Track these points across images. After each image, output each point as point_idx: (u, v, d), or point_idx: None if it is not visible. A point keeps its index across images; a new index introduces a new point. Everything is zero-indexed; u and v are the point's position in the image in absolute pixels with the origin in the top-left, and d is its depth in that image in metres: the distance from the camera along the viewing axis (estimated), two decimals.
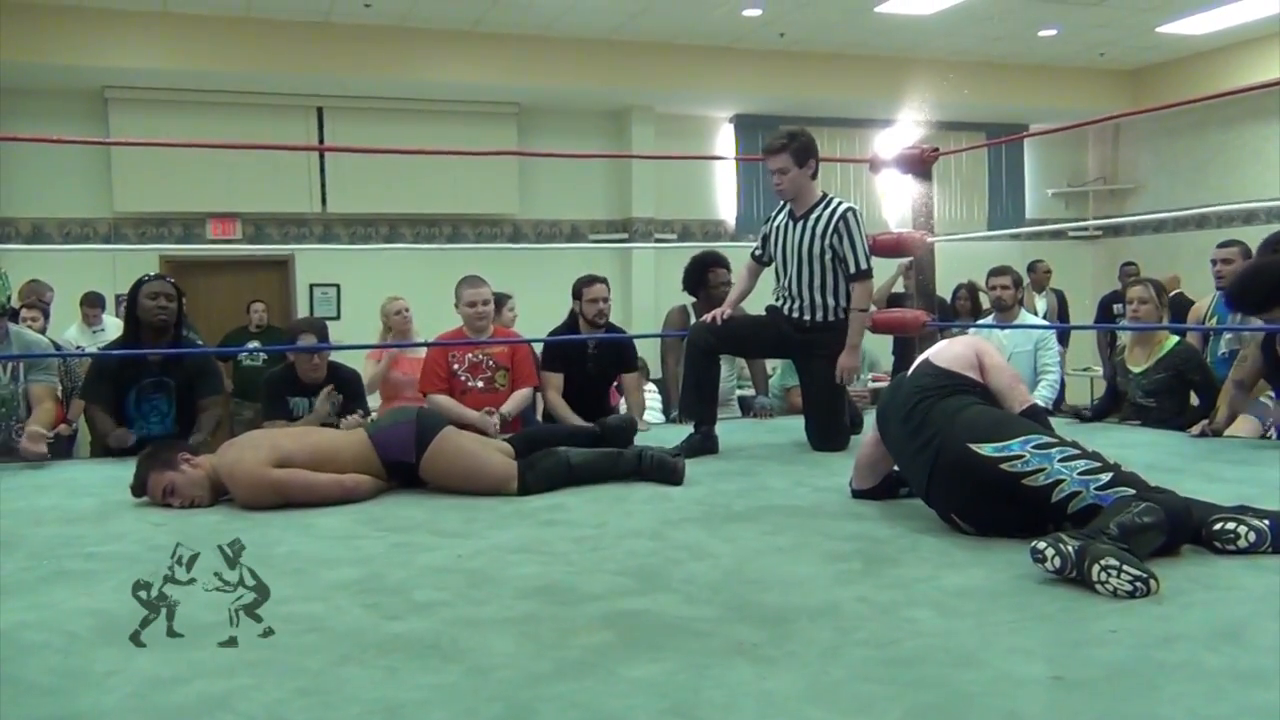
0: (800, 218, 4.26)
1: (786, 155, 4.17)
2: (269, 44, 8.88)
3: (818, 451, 4.23)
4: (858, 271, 4.23)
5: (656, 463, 3.59)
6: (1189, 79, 10.82)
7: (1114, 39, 10.10)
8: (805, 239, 4.22)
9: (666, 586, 2.32)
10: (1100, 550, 2.15)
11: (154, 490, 3.30)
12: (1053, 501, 2.49)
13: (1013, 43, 10.16)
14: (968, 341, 3.05)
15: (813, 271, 4.24)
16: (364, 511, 3.19)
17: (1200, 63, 10.69)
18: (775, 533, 2.82)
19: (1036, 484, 2.50)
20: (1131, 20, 9.47)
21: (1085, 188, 12.83)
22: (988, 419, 2.71)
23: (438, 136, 9.74)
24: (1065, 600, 2.13)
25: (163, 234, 9.62)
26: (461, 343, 4.89)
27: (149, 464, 3.34)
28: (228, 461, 3.27)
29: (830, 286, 4.25)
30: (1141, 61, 11.11)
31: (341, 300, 10.16)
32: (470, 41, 9.44)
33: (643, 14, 8.98)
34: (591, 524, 2.99)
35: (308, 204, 9.93)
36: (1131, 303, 4.95)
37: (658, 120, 10.78)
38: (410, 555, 2.65)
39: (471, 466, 3.46)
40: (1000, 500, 2.57)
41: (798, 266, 4.25)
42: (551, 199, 10.79)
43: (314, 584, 2.40)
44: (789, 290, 4.31)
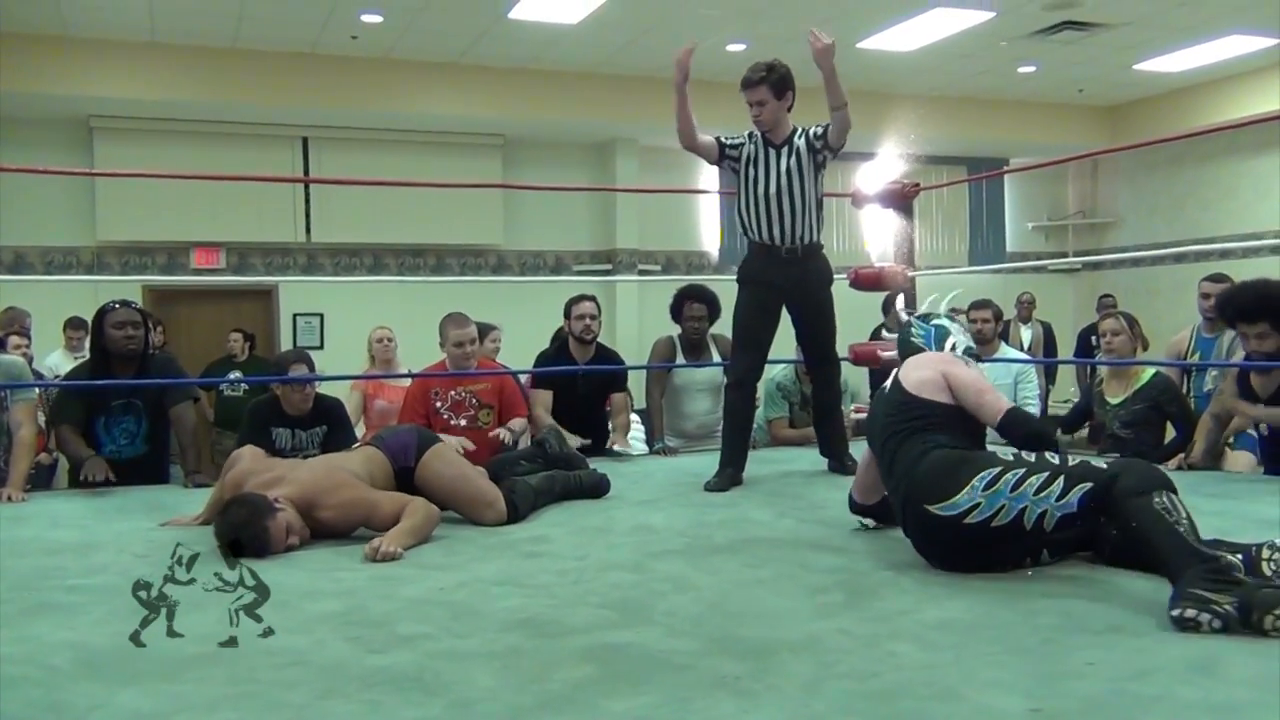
0: (780, 145, 4.31)
1: (765, 88, 4.20)
2: (255, 74, 8.92)
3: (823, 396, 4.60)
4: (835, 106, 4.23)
5: (591, 484, 4.01)
6: (1166, 115, 10.99)
7: (1092, 76, 10.25)
8: (793, 163, 4.27)
9: (649, 619, 2.33)
10: (1269, 600, 2.09)
11: (278, 543, 3.02)
12: (1028, 529, 2.51)
13: (993, 79, 10.29)
14: (933, 362, 2.96)
15: (804, 192, 4.29)
16: (345, 542, 3.19)
17: (1177, 99, 10.85)
18: (757, 565, 2.83)
19: (1004, 522, 2.52)
20: (1109, 58, 9.61)
21: (1065, 221, 12.96)
22: (939, 470, 2.64)
23: (423, 167, 9.79)
24: (1044, 633, 2.16)
25: (146, 263, 9.61)
26: (447, 374, 4.89)
27: (254, 522, 2.98)
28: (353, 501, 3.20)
29: (815, 204, 4.32)
30: (1120, 98, 11.27)
31: (325, 330, 10.16)
32: (456, 73, 9.50)
33: (628, 47, 9.07)
34: (574, 556, 3.00)
35: (292, 234, 9.94)
36: (1105, 335, 4.98)
37: (642, 153, 10.85)
38: (393, 587, 2.65)
39: (465, 477, 3.54)
40: (975, 549, 2.60)
41: (787, 192, 4.28)
42: (536, 230, 10.83)
43: (296, 616, 2.40)
44: (772, 218, 4.30)
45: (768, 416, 5.70)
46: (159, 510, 3.74)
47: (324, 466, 3.42)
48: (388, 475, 3.44)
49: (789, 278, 4.33)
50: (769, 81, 4.21)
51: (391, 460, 3.48)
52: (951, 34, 8.74)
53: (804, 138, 4.31)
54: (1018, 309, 9.24)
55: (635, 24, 8.47)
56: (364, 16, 8.17)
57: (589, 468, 4.18)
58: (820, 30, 4.18)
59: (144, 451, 4.47)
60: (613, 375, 5.31)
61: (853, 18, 8.38)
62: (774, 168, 4.30)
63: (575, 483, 3.99)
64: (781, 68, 4.26)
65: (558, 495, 3.87)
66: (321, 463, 3.52)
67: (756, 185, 4.32)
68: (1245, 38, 9.05)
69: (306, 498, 3.17)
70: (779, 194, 4.29)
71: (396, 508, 3.21)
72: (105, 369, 4.37)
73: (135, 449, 4.43)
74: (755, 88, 4.22)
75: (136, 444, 4.43)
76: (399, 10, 8.05)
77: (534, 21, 8.27)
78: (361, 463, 3.42)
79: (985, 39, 8.93)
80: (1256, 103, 9.96)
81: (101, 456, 4.26)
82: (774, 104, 4.23)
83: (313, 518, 3.17)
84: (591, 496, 3.99)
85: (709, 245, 11.48)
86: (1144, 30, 8.78)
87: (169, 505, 3.84)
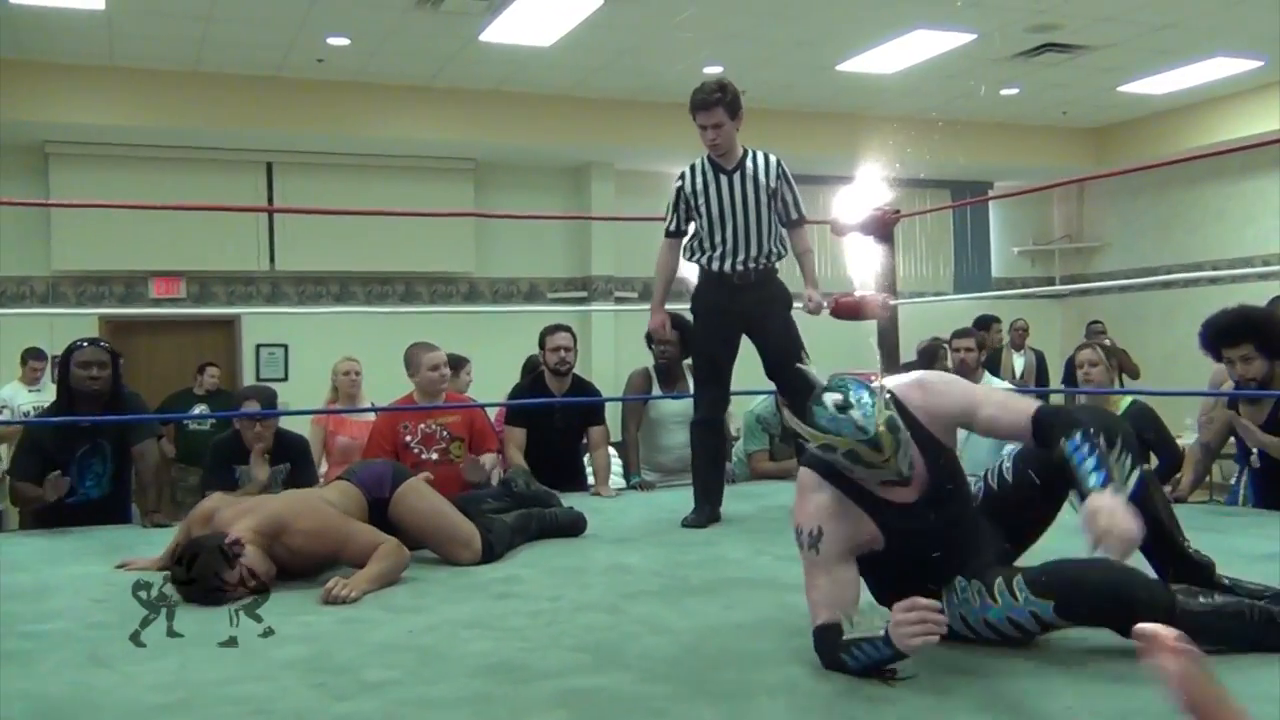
0: (733, 170, 4.26)
1: (720, 109, 4.12)
2: (217, 99, 8.94)
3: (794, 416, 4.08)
4: (800, 217, 4.37)
5: (567, 521, 4.03)
6: (1151, 137, 11.16)
7: (1076, 98, 10.41)
8: (747, 189, 4.23)
9: (622, 663, 2.36)
10: None
11: (236, 589, 2.97)
12: (1007, 636, 2.31)
13: (975, 101, 10.43)
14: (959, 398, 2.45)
15: (759, 218, 4.25)
16: (310, 585, 3.19)
17: (1162, 121, 11.03)
18: (734, 606, 2.86)
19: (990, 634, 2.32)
20: (1093, 80, 9.77)
21: (1051, 245, 13.12)
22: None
23: (392, 193, 9.82)
24: (1022, 677, 2.19)
25: (103, 293, 9.58)
26: (413, 408, 4.91)
27: (213, 570, 2.95)
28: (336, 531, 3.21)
29: (771, 233, 4.29)
30: (1104, 120, 11.44)
31: (289, 361, 10.14)
32: (425, 97, 9.56)
33: (602, 70, 9.15)
34: (546, 597, 3.02)
35: (255, 262, 9.94)
36: (1081, 366, 5.02)
37: (618, 176, 10.93)
38: (360, 632, 2.67)
39: (441, 513, 3.54)
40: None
41: (741, 218, 4.23)
42: (509, 257, 10.88)
43: (259, 663, 2.41)
44: (724, 246, 4.27)
45: (747, 450, 5.73)
46: (117, 551, 3.73)
47: (296, 494, 3.45)
48: (361, 508, 3.44)
49: (741, 304, 4.29)
50: (724, 103, 4.12)
51: (365, 492, 3.47)
52: (933, 56, 8.87)
53: (756, 162, 4.28)
54: (1011, 336, 9.33)
55: (610, 46, 8.56)
56: (330, 39, 8.21)
57: (561, 504, 4.20)
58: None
59: (109, 492, 4.47)
60: (590, 408, 5.33)
61: (833, 39, 8.51)
62: (724, 193, 4.25)
63: (551, 520, 4.01)
64: (732, 87, 4.18)
65: (534, 534, 3.89)
66: (293, 493, 3.54)
67: (709, 211, 4.27)
68: (1230, 60, 9.22)
69: (275, 523, 3.15)
70: (728, 221, 4.24)
71: (370, 542, 3.21)
72: (71, 410, 4.37)
73: (101, 489, 4.43)
74: (711, 110, 4.13)
75: (103, 484, 4.43)
76: (367, 33, 8.10)
77: (506, 44, 8.34)
78: (337, 495, 3.44)
79: (967, 61, 9.07)
80: (1242, 125, 10.15)
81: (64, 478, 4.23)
82: (729, 125, 4.16)
83: (282, 545, 3.14)
84: (569, 534, 4.01)
85: (687, 271, 11.49)
86: (1127, 52, 8.93)
87: (127, 546, 3.84)
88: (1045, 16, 8.00)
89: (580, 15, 7.73)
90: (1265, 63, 9.29)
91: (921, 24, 8.19)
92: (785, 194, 4.32)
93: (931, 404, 2.39)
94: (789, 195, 4.33)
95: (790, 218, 4.35)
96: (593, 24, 7.91)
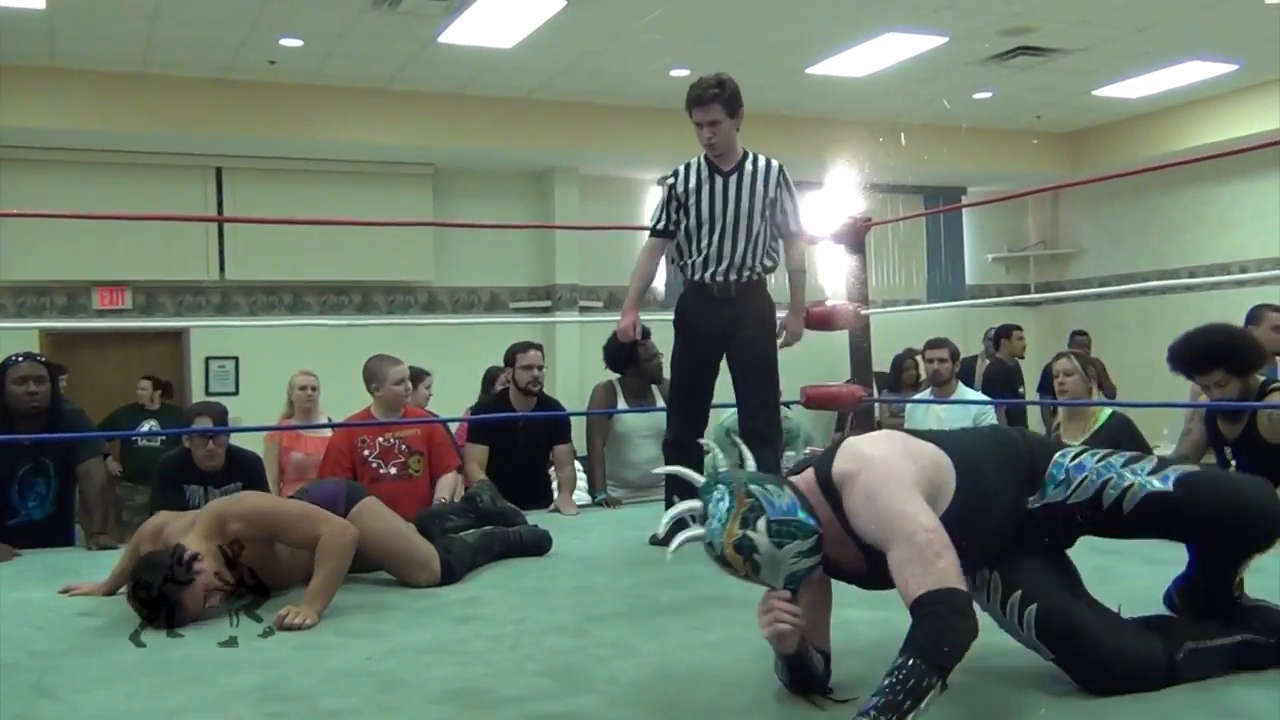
0: (730, 172, 4.09)
1: (718, 105, 3.94)
2: (164, 102, 8.87)
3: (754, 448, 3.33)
4: (800, 231, 4.22)
5: (531, 541, 4.04)
6: (1126, 141, 11.33)
7: (1050, 102, 10.54)
8: (743, 194, 4.07)
9: (589, 687, 2.37)
10: None
11: (195, 612, 3.00)
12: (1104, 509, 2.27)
13: (948, 105, 10.54)
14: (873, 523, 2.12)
15: (750, 227, 4.08)
16: (265, 610, 3.17)
17: (1137, 126, 11.19)
18: (704, 627, 2.87)
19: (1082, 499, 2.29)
20: (1067, 84, 9.90)
21: (1026, 252, 13.26)
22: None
23: (347, 199, 9.79)
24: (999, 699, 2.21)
25: (44, 304, 9.48)
26: (372, 423, 4.90)
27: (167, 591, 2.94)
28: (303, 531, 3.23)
29: (763, 245, 4.13)
30: (1079, 124, 11.59)
31: (241, 375, 10.06)
32: (382, 100, 9.53)
33: (565, 73, 9.17)
34: (510, 620, 3.02)
35: (204, 271, 9.85)
36: (1057, 376, 5.05)
37: (582, 182, 10.95)
38: (316, 657, 2.66)
39: (397, 533, 3.55)
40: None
41: (731, 224, 4.07)
42: (469, 265, 10.85)
43: (212, 692, 2.39)
44: (707, 253, 4.09)
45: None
46: (60, 576, 3.70)
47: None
48: None
49: (721, 320, 4.13)
50: (722, 99, 3.95)
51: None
52: (905, 59, 8.95)
53: (756, 166, 4.13)
54: (985, 345, 9.39)
55: (574, 48, 8.58)
56: (283, 40, 8.18)
57: (525, 522, 4.20)
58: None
59: (52, 513, 4.43)
60: (556, 425, 5.32)
61: (803, 42, 8.57)
62: (717, 196, 4.07)
63: (515, 540, 4.02)
64: (732, 82, 4.01)
65: (496, 554, 3.89)
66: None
67: (698, 213, 4.09)
68: (1205, 64, 9.38)
69: (216, 517, 3.21)
70: (720, 226, 4.08)
71: (309, 527, 3.21)
72: (8, 428, 4.32)
73: (45, 510, 4.40)
74: (708, 106, 3.95)
75: (46, 505, 4.40)
76: (321, 34, 8.08)
77: (466, 45, 8.34)
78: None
79: (940, 64, 9.16)
80: (1217, 130, 10.32)
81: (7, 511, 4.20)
82: (727, 123, 3.99)
83: (224, 535, 3.16)
84: (533, 554, 4.01)
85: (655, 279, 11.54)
86: (1102, 56, 9.06)
87: (71, 570, 3.80)
88: (1018, 19, 8.11)
89: (543, 16, 7.74)
90: (1240, 66, 9.45)
91: (893, 27, 8.26)
92: (786, 203, 4.17)
93: (851, 510, 2.16)
94: (789, 205, 4.18)
95: (789, 229, 4.20)
96: (556, 25, 7.93)
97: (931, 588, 1.94)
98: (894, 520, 2.04)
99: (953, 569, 1.98)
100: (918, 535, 2.00)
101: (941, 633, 1.90)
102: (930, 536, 2.00)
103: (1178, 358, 4.15)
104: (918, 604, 1.94)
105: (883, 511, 2.07)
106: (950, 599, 1.94)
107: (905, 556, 2.00)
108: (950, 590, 1.95)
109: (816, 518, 2.15)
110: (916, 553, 1.99)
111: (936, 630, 1.90)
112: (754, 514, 2.09)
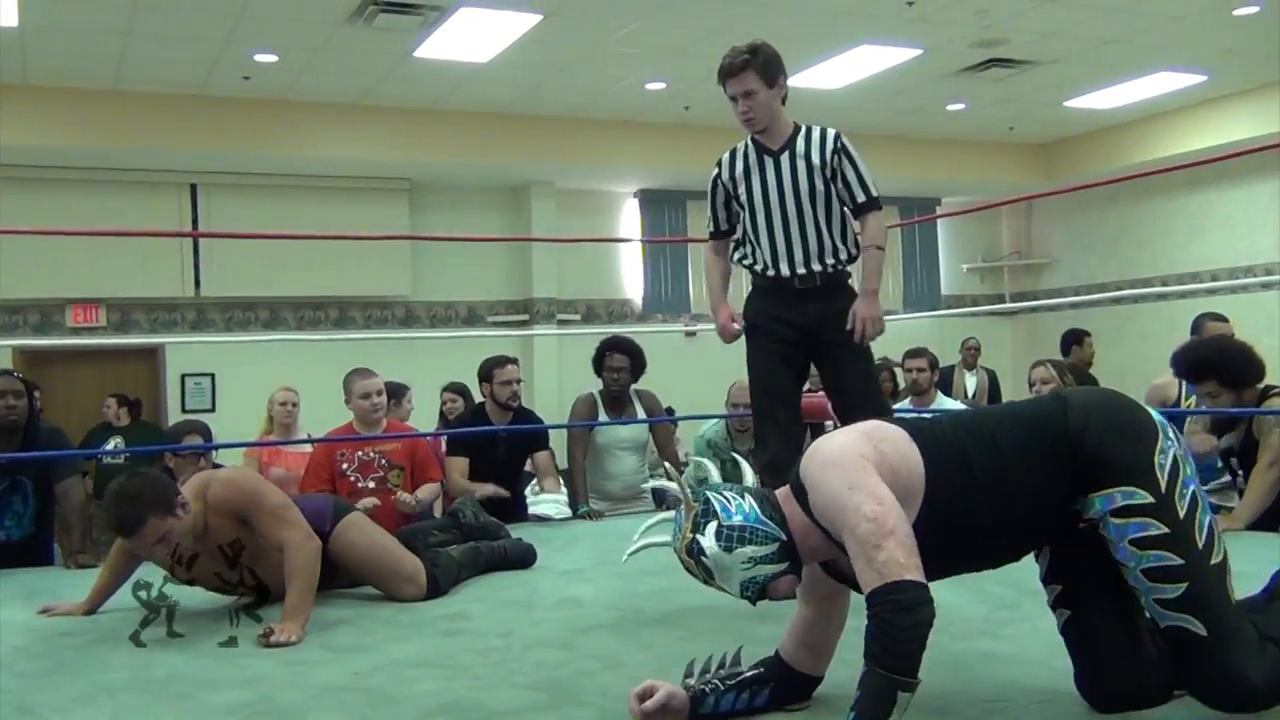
0: (780, 151, 3.55)
1: (752, 73, 3.43)
2: (139, 118, 8.83)
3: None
4: (869, 200, 3.55)
5: (516, 554, 4.04)
6: (1098, 152, 11.46)
7: (1023, 113, 10.65)
8: (799, 173, 3.52)
9: (578, 700, 2.36)
10: None
11: (149, 535, 3.04)
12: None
13: (922, 117, 10.62)
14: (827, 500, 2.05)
15: (813, 208, 3.53)
16: (251, 625, 3.16)
17: (1108, 136, 11.31)
18: (693, 638, 2.87)
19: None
20: (1039, 95, 10.00)
21: (1000, 262, 13.37)
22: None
23: (323, 214, 9.77)
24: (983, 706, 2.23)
25: (17, 322, 9.41)
26: (352, 438, 4.88)
27: (148, 506, 3.03)
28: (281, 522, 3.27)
29: (835, 226, 3.56)
30: (1051, 135, 11.71)
31: (217, 391, 10.01)
32: (358, 115, 9.52)
33: (540, 87, 9.19)
34: (497, 633, 3.01)
35: (179, 287, 9.81)
36: (1034, 385, 5.03)
37: (558, 196, 10.96)
38: (302, 673, 2.64)
39: (383, 547, 3.56)
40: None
41: (795, 210, 3.52)
42: (446, 279, 10.84)
43: (197, 710, 2.38)
44: (775, 245, 3.56)
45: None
46: (38, 595, 3.66)
47: None
48: None
49: (809, 317, 3.56)
50: (754, 65, 3.44)
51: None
52: (878, 71, 9.02)
53: (810, 139, 3.56)
54: (962, 355, 9.46)
55: (550, 62, 8.60)
56: (257, 56, 8.16)
57: (509, 536, 4.19)
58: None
59: (31, 532, 4.40)
60: (534, 435, 5.34)
61: None
62: (769, 179, 3.54)
63: (500, 553, 4.01)
64: (767, 48, 3.50)
65: (482, 568, 3.88)
66: None
67: (751, 202, 3.57)
68: (1174, 75, 9.50)
69: (201, 479, 3.34)
70: (774, 213, 3.54)
71: (276, 523, 3.24)
72: None
73: (23, 529, 4.36)
74: (739, 75, 3.45)
75: (24, 524, 4.36)
76: (295, 49, 8.07)
77: (442, 60, 8.34)
78: None
79: (913, 76, 9.24)
80: (1185, 141, 10.46)
81: None
82: (765, 94, 3.46)
83: (205, 497, 3.22)
84: (518, 567, 4.01)
85: (632, 292, 11.60)
86: (1073, 67, 9.15)
87: (50, 589, 3.76)
88: (990, 32, 8.19)
89: (518, 31, 7.76)
90: (1208, 78, 9.59)
91: (866, 39, 8.33)
92: (847, 172, 3.53)
93: (813, 509, 2.09)
94: (851, 174, 3.54)
95: (856, 201, 3.55)
96: (531, 40, 7.95)
97: (874, 586, 1.88)
98: (841, 514, 1.97)
99: (895, 556, 1.89)
100: (859, 528, 1.92)
101: (887, 637, 1.85)
102: (870, 526, 1.91)
103: (1178, 365, 4.25)
104: (867, 607, 1.90)
105: (831, 504, 2.01)
106: (891, 596, 1.86)
107: (853, 553, 1.95)
108: (889, 586, 1.87)
109: (785, 525, 2.11)
110: (859, 547, 1.92)
111: (882, 635, 1.86)
112: (705, 519, 2.10)
